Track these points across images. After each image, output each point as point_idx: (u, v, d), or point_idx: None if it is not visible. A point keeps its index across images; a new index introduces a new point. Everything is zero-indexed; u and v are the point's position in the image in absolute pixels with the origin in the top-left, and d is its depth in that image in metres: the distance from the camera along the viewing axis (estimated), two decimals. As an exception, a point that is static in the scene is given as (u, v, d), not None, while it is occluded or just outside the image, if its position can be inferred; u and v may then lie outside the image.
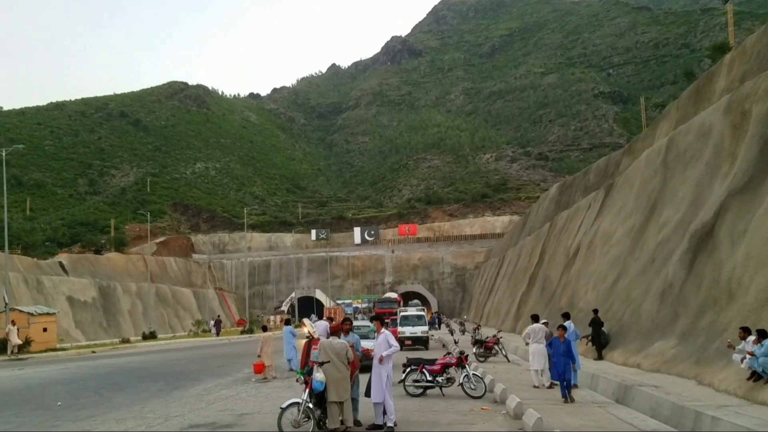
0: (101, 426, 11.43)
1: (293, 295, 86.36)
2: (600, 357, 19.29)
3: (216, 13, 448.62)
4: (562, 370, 13.01)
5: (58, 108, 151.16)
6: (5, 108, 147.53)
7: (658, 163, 21.17)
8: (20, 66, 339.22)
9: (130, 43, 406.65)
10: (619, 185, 25.96)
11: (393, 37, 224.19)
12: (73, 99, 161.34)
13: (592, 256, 25.40)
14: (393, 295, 66.23)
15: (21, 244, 73.38)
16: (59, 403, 14.51)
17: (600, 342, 19.62)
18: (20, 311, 36.10)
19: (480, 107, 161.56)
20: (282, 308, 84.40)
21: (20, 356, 31.86)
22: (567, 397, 12.95)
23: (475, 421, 11.23)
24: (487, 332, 30.64)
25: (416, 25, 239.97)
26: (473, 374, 14.49)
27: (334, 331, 10.92)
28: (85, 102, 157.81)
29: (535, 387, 15.42)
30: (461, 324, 52.72)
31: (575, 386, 15.22)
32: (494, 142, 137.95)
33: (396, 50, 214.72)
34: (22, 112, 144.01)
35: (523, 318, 32.89)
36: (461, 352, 15.56)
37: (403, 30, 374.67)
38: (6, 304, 35.17)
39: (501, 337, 25.17)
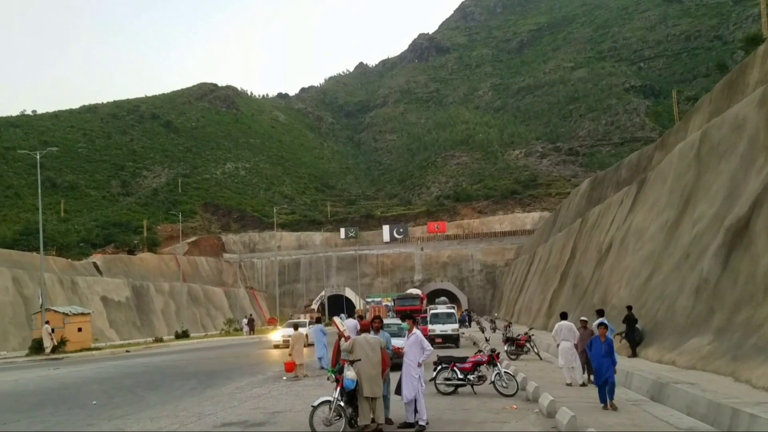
0: (135, 425, 11.62)
1: (323, 293, 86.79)
2: (634, 354, 19.03)
3: (244, 14, 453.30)
4: (604, 373, 11.78)
5: (90, 111, 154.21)
6: (39, 111, 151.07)
7: (692, 157, 20.76)
8: (53, 70, 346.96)
9: (160, 45, 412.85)
10: (652, 180, 25.52)
11: (420, 35, 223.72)
12: (105, 102, 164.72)
13: (625, 252, 25.02)
14: (415, 291, 64.60)
15: (56, 246, 75.03)
16: (94, 401, 14.80)
17: (634, 339, 19.34)
18: (55, 311, 36.85)
19: (509, 103, 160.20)
20: (312, 306, 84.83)
21: (55, 356, 32.53)
22: (607, 403, 11.78)
23: (508, 419, 11.14)
24: (518, 330, 30.41)
25: (443, 22, 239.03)
26: (505, 372, 14.37)
27: (363, 329, 10.96)
28: (116, 104, 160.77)
29: (567, 385, 15.26)
30: (492, 321, 52.41)
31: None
32: (524, 137, 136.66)
33: (423, 48, 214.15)
34: (56, 116, 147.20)
35: (555, 315, 32.56)
36: (493, 350, 15.44)
37: (431, 27, 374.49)
38: (41, 304, 36.01)
39: (533, 335, 24.94)
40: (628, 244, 25.04)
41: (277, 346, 34.00)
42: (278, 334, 37.18)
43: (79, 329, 37.56)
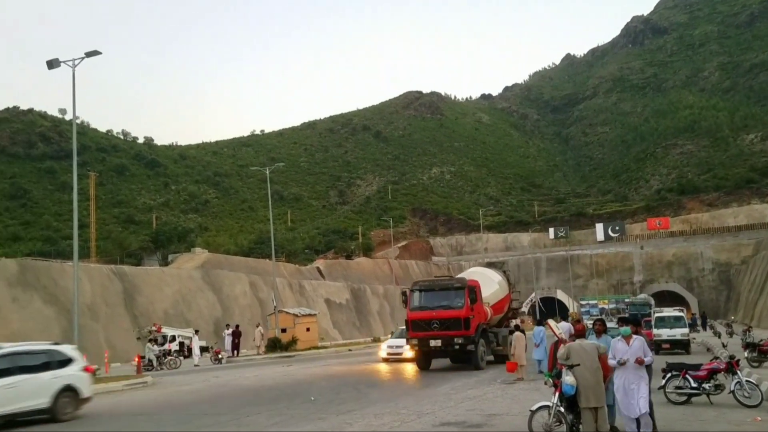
0: (361, 420, 12.19)
1: (533, 295, 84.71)
2: None
3: (446, 18, 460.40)
4: None
5: (309, 127, 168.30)
6: (267, 130, 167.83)
7: None
8: (276, 92, 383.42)
9: (369, 57, 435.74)
10: None
11: (634, 17, 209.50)
12: (322, 117, 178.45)
13: None
14: (484, 271, 30.45)
15: (285, 252, 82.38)
16: (312, 398, 15.81)
17: None
18: (287, 313, 40.45)
19: (740, 83, 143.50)
20: (522, 309, 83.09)
21: (288, 353, 35.51)
22: None
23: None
24: (759, 335, 26.86)
25: (660, 1, 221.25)
26: (747, 381, 12.81)
27: (579, 334, 10.30)
28: (332, 119, 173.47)
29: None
30: (728, 326, 47.04)
31: None
32: (760, 120, 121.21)
33: (637, 31, 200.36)
34: (281, 134, 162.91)
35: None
36: (731, 357, 13.79)
37: (645, 8, 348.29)
38: (275, 306, 39.79)
39: (779, 340, 21.79)
40: None
41: (386, 360, 27.50)
42: (384, 345, 29.44)
43: (308, 329, 40.75)
